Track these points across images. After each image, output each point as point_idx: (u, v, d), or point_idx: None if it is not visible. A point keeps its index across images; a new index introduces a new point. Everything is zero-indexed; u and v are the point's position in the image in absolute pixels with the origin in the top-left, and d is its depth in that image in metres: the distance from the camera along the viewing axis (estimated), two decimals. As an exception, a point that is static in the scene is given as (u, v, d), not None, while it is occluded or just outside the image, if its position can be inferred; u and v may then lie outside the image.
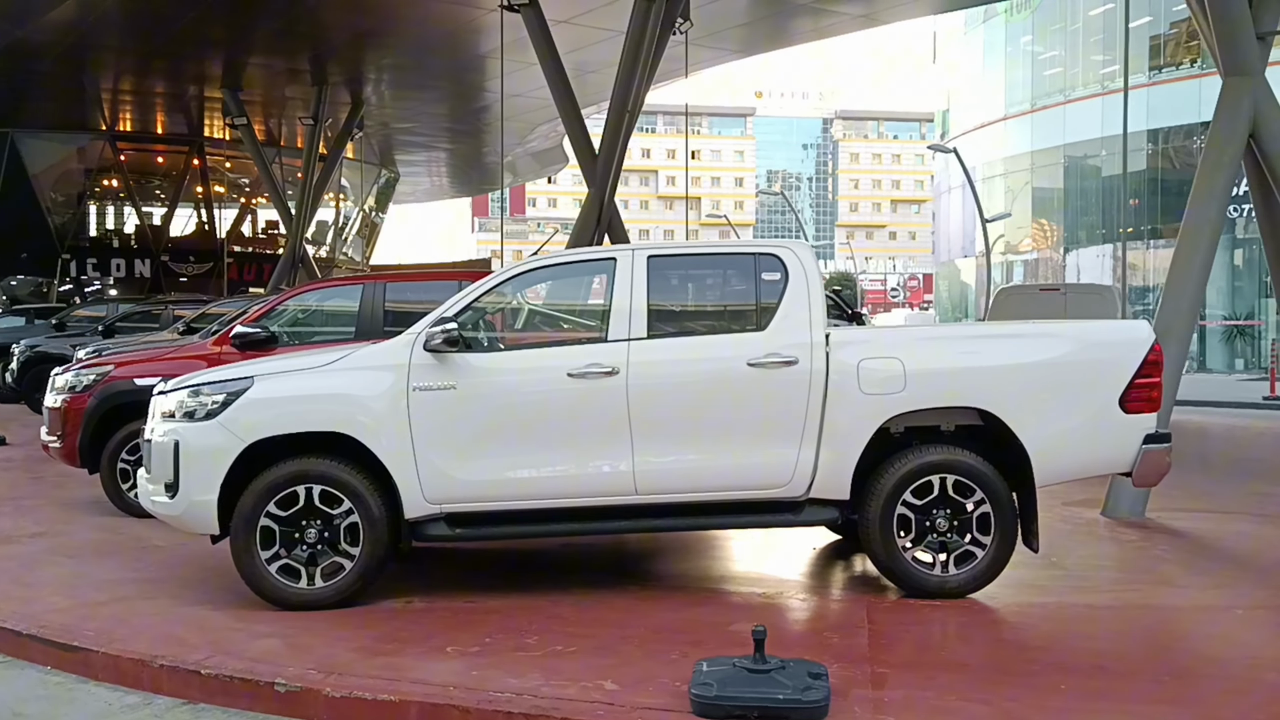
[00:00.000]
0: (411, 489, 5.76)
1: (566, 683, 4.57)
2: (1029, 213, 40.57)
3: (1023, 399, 5.89)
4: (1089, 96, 37.34)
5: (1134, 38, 36.40)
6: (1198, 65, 35.24)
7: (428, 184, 48.78)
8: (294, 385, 5.87)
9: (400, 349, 5.87)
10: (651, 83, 16.65)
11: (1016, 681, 4.59)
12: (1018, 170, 40.32)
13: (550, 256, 6.26)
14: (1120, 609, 5.83)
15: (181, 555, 7.21)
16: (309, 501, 5.74)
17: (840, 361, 5.88)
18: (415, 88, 29.14)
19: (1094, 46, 37.96)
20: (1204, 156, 9.33)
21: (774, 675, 4.26)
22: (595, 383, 5.81)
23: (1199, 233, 9.03)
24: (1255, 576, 6.58)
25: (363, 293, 8.98)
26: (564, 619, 5.56)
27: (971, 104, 43.91)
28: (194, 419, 5.81)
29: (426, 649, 5.07)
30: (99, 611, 5.79)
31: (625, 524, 6.01)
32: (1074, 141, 37.82)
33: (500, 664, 4.83)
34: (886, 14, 24.08)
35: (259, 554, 5.74)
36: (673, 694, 4.42)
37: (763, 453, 5.86)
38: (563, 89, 16.56)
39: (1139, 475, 5.99)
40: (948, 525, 5.88)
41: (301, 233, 27.66)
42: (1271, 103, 9.21)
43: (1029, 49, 41.01)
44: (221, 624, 5.53)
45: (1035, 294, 15.26)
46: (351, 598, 5.79)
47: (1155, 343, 5.99)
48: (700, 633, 5.30)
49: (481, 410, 5.82)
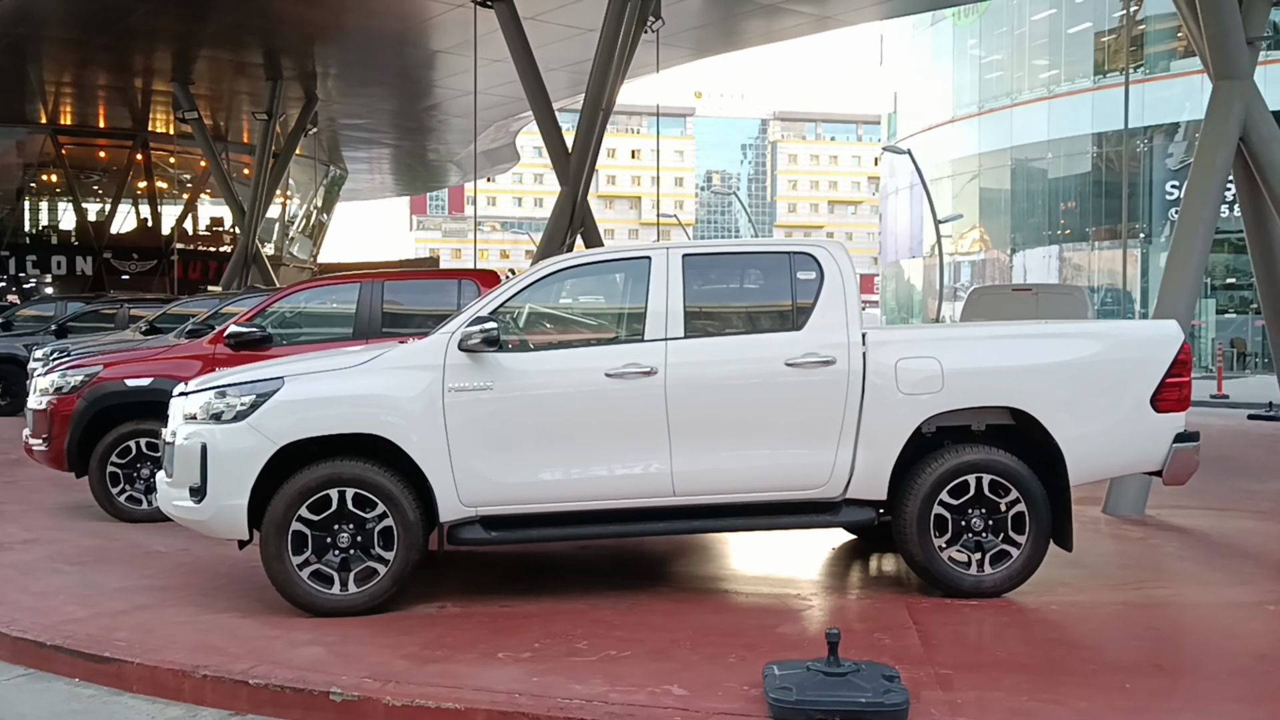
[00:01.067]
0: (447, 492, 5.65)
1: (632, 688, 4.49)
2: (976, 214, 41.13)
3: (1058, 398, 5.92)
4: (1035, 100, 37.97)
5: (1079, 43, 37.19)
6: (1141, 71, 36.01)
7: (374, 181, 48.25)
8: (327, 386, 5.71)
9: (434, 349, 5.75)
10: (623, 80, 16.57)
11: (1080, 681, 4.60)
12: (965, 172, 40.88)
13: (582, 254, 6.17)
14: (1155, 607, 5.88)
15: (188, 561, 7.01)
16: (341, 505, 5.60)
17: (878, 361, 5.86)
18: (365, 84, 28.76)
19: (1040, 51, 38.59)
20: (1196, 159, 9.51)
21: (850, 679, 4.23)
22: (633, 383, 5.73)
23: (1194, 233, 9.18)
24: (1274, 573, 6.68)
25: (360, 292, 8.81)
26: (607, 623, 5.48)
27: (919, 106, 44.41)
28: (221, 421, 5.64)
29: (478, 655, 4.97)
30: (122, 621, 5.59)
31: (662, 525, 5.94)
32: (1021, 144, 38.41)
33: (558, 670, 4.74)
34: (839, 18, 24.27)
35: (290, 559, 5.58)
36: (745, 698, 4.37)
37: (800, 453, 5.83)
38: (535, 85, 16.45)
39: (1169, 474, 6.05)
40: (983, 525, 5.89)
41: (255, 230, 27.17)
42: (1260, 106, 9.40)
43: (976, 53, 41.59)
44: (255, 632, 5.37)
45: (1008, 294, 15.42)
46: (385, 604, 5.65)
47: (1185, 342, 6.06)
48: (749, 635, 5.25)
49: (518, 411, 5.72)
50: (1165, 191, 34.40)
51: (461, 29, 22.66)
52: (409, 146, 39.35)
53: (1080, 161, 36.72)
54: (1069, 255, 37.19)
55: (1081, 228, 36.55)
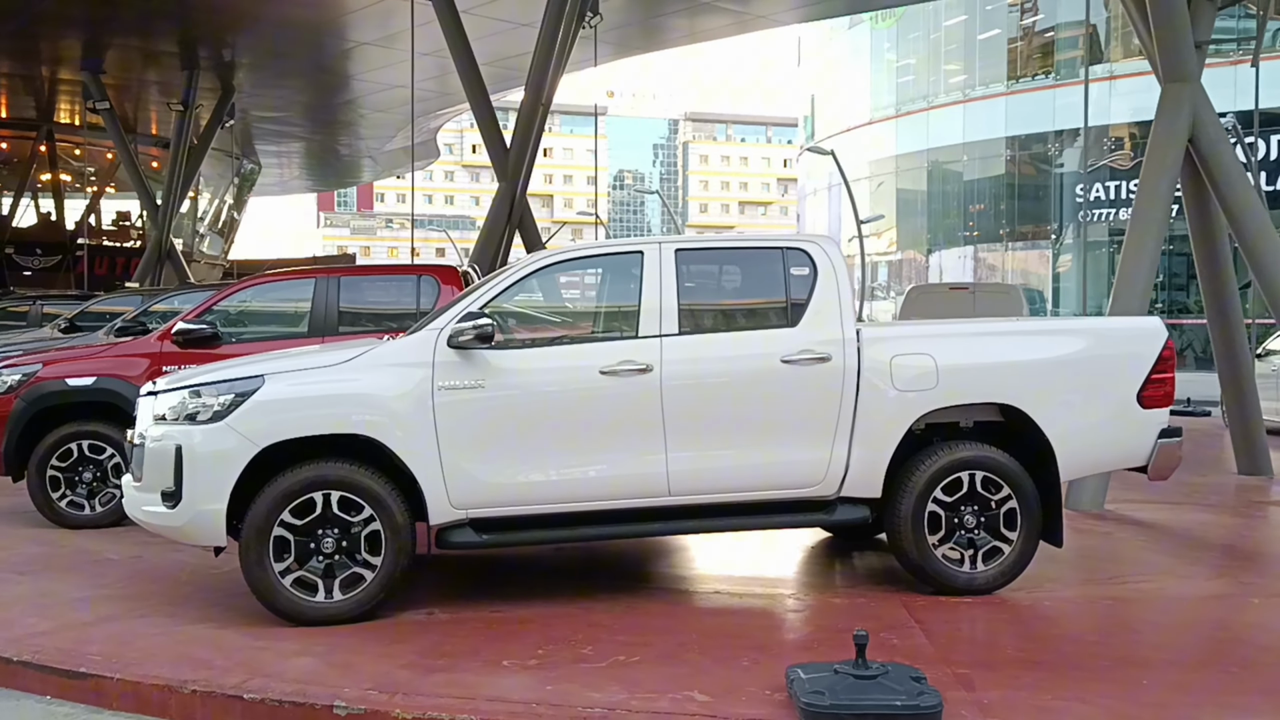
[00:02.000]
0: (437, 494, 5.44)
1: (653, 695, 4.35)
2: (894, 215, 41.71)
3: (1048, 395, 5.93)
4: (951, 104, 38.65)
5: (992, 48, 37.98)
6: (1052, 77, 36.94)
7: (285, 177, 47.17)
8: (311, 385, 5.46)
9: (422, 346, 5.53)
10: (562, 75, 16.39)
11: (1096, 677, 4.59)
12: (883, 173, 41.44)
13: (572, 249, 6.00)
14: (1143, 601, 5.92)
15: (144, 569, 6.69)
16: (326, 509, 5.36)
17: (873, 358, 5.81)
18: (283, 76, 28.06)
19: (955, 55, 39.31)
20: (1147, 159, 9.66)
21: (880, 681, 4.15)
22: (628, 380, 5.59)
23: (1146, 232, 9.34)
24: (1246, 565, 6.79)
25: (315, 288, 8.51)
26: (606, 627, 5.33)
27: (837, 108, 44.91)
28: (197, 421, 5.35)
29: (482, 663, 4.78)
30: (91, 633, 5.28)
31: (657, 526, 5.81)
32: (937, 147, 39.08)
33: (569, 677, 4.58)
34: (761, 19, 24.42)
35: (272, 566, 5.32)
36: (770, 703, 4.26)
37: (796, 451, 5.75)
38: (473, 79, 16.16)
39: (1155, 469, 6.10)
40: (975, 522, 5.88)
41: (169, 225, 26.31)
42: (1208, 108, 9.60)
43: (894, 56, 42.21)
44: (238, 642, 5.10)
45: (945, 293, 15.58)
46: (371, 611, 5.43)
47: (1168, 339, 6.13)
48: (755, 637, 5.15)
49: (511, 409, 5.53)
50: (1075, 194, 35.28)
51: (383, 21, 22.26)
52: (324, 141, 38.55)
53: (994, 164, 37.48)
54: (983, 255, 37.94)
55: (995, 229, 37.32)
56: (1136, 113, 34.42)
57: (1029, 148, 36.81)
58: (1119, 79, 34.89)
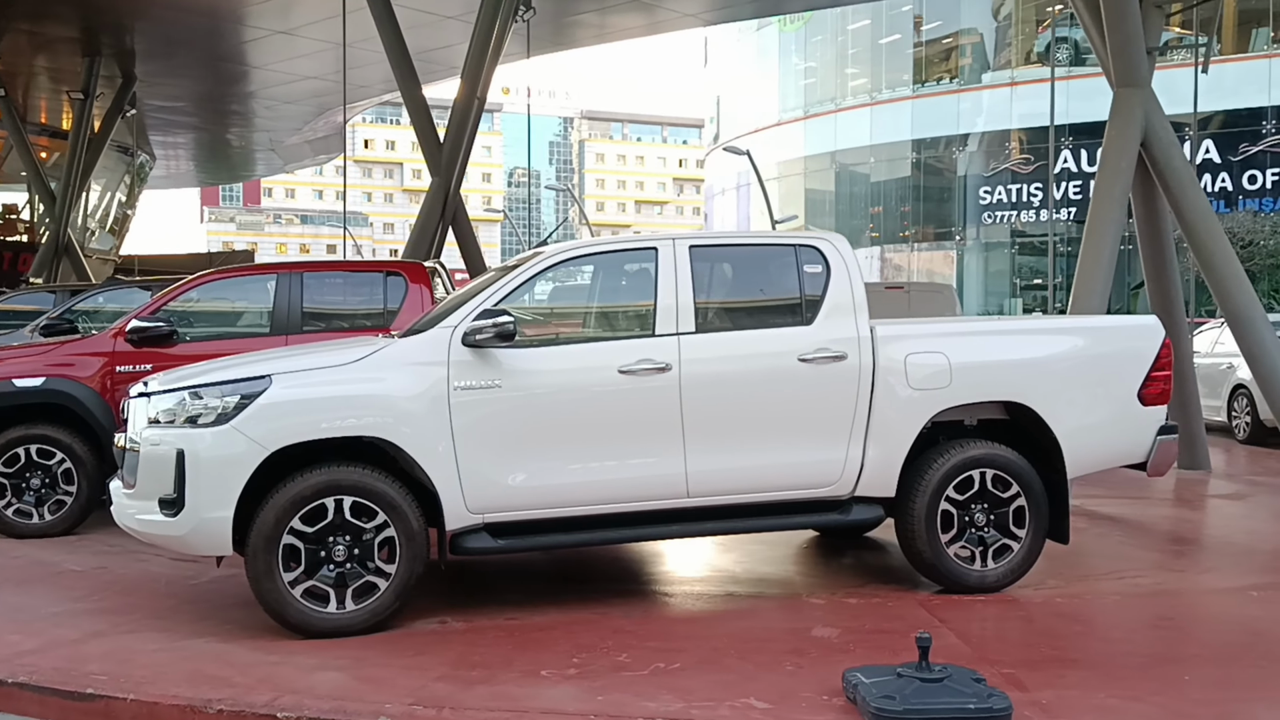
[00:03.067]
0: (453, 498, 5.23)
1: (709, 703, 4.23)
2: (802, 215, 42.19)
3: (1056, 392, 5.97)
4: (858, 106, 39.28)
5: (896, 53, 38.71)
6: (956, 81, 37.82)
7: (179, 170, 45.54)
8: (322, 386, 5.19)
9: (436, 344, 5.31)
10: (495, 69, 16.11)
11: (1138, 675, 4.61)
12: (791, 174, 41.90)
13: (586, 245, 5.83)
14: (1150, 596, 5.99)
15: (114, 580, 6.34)
16: (339, 515, 5.10)
17: (888, 356, 5.78)
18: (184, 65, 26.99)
19: (862, 58, 39.95)
20: (1101, 162, 9.87)
21: (947, 684, 4.10)
22: (647, 380, 5.46)
23: (1104, 233, 9.54)
24: (1227, 558, 6.94)
25: (276, 285, 8.15)
26: (630, 632, 5.19)
27: (746, 108, 45.24)
28: (199, 424, 5.05)
29: (519, 674, 4.59)
30: (84, 650, 4.94)
31: (675, 528, 5.66)
32: (845, 148, 39.67)
33: (615, 686, 4.43)
34: (669, 22, 24.42)
35: (281, 576, 5.05)
36: (833, 709, 4.18)
37: (813, 450, 5.69)
38: (406, 70, 15.74)
39: (1154, 465, 6.19)
40: (985, 520, 5.89)
41: (67, 219, 25.15)
42: (1159, 112, 9.85)
43: (802, 58, 42.70)
44: (249, 657, 4.83)
45: (881, 292, 15.71)
46: (384, 621, 5.19)
47: (1166, 337, 6.23)
48: (786, 640, 5.06)
49: (529, 410, 5.35)
50: (979, 196, 36.18)
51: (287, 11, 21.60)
52: (223, 133, 37.28)
53: (900, 166, 38.21)
54: (890, 256, 38.63)
55: (901, 230, 38.04)
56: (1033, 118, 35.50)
57: (934, 150, 37.60)
58: (1019, 85, 35.93)
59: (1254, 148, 33.07)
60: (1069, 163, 34.93)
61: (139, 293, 12.59)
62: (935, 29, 38.60)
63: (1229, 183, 33.50)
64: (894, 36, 39.56)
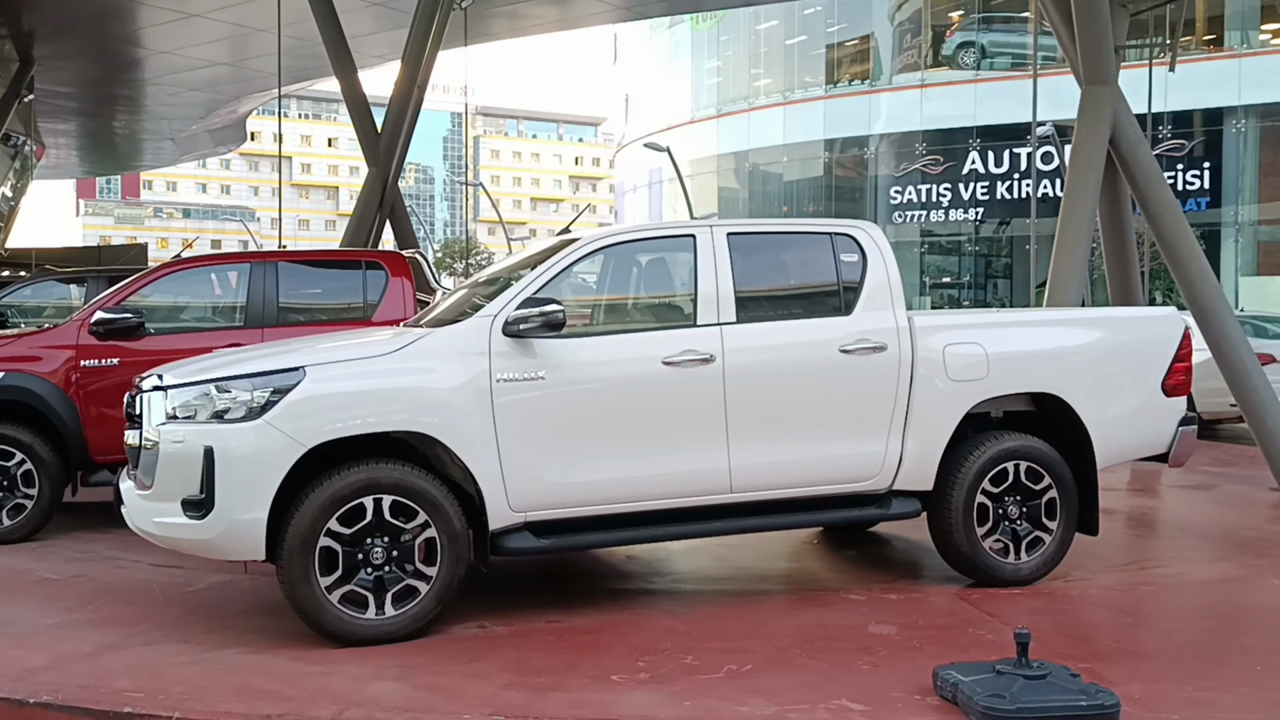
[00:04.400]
0: (496, 496, 4.97)
1: (803, 706, 4.07)
2: (716, 214, 42.31)
3: (1086, 383, 5.95)
4: (771, 105, 39.54)
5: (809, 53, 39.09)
6: (867, 83, 38.35)
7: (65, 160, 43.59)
8: (361, 378, 4.87)
9: (475, 333, 5.04)
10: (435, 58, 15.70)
11: (1211, 666, 4.61)
12: (704, 172, 41.98)
13: (625, 231, 5.60)
14: (1180, 587, 6.01)
15: (100, 588, 5.92)
16: (378, 515, 4.80)
17: (926, 347, 5.68)
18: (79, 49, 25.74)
19: (775, 57, 40.24)
20: (1073, 160, 9.96)
21: (1051, 680, 3.99)
22: (691, 371, 5.27)
23: (1077, 229, 9.61)
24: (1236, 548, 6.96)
25: (250, 275, 7.72)
26: (682, 633, 4.99)
27: (657, 106, 45.15)
28: (228, 419, 4.70)
29: (589, 679, 4.37)
30: (102, 665, 4.56)
31: (717, 525, 5.48)
32: (758, 147, 39.90)
33: (695, 690, 4.24)
34: (582, 19, 24.27)
35: (318, 581, 4.72)
36: (932, 709, 4.05)
37: (854, 443, 5.57)
38: (343, 56, 15.21)
39: (1175, 456, 6.23)
40: (1019, 513, 5.85)
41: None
42: (1126, 109, 9.97)
43: (715, 56, 42.81)
44: (292, 668, 4.50)
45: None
46: (426, 626, 4.90)
47: (1186, 329, 6.27)
48: (848, 638, 4.93)
49: (574, 403, 5.11)
50: (889, 196, 36.74)
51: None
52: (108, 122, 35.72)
53: (813, 166, 38.58)
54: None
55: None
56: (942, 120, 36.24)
57: (846, 151, 38.06)
58: (929, 87, 36.58)
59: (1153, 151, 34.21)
60: (976, 164, 35.70)
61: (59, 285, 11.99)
62: (844, 30, 39.08)
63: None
64: (801, 37, 39.93)
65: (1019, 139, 35.37)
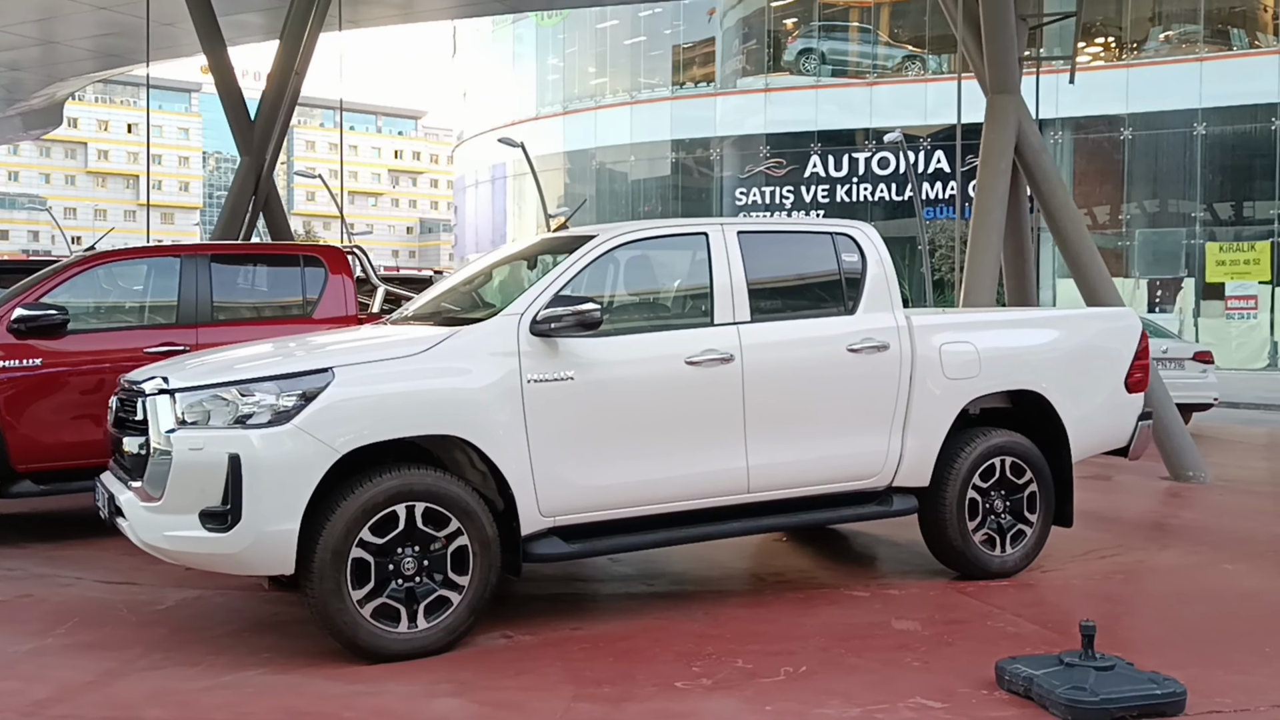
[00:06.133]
0: (528, 500, 4.80)
1: (882, 705, 4.07)
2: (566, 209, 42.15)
3: (1063, 380, 6.17)
4: (618, 104, 39.71)
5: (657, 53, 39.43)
6: (713, 85, 38.96)
7: None
8: (394, 380, 4.60)
9: (503, 333, 4.84)
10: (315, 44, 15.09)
11: (1226, 650, 4.80)
12: (550, 169, 41.75)
13: (642, 228, 5.48)
14: (1148, 574, 6.31)
15: (62, 609, 5.43)
16: (409, 524, 4.56)
17: (925, 345, 5.79)
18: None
19: (622, 57, 40.41)
20: (982, 166, 10.34)
21: (1119, 671, 4.11)
22: (712, 371, 5.22)
23: (989, 233, 9.99)
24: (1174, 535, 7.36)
25: (181, 270, 7.23)
26: (716, 637, 4.92)
27: (500, 101, 44.67)
28: (251, 424, 4.37)
29: (655, 688, 4.26)
30: (118, 695, 4.19)
31: (736, 525, 5.43)
32: (605, 145, 39.99)
33: (768, 694, 4.19)
34: (423, 13, 23.86)
35: (351, 594, 4.45)
36: (1006, 702, 4.11)
37: (860, 441, 5.63)
38: (212, 34, 14.43)
39: (1135, 449, 6.53)
40: (1003, 506, 6.02)
41: None
42: (1028, 117, 10.43)
43: (560, 53, 42.66)
44: (335, 688, 4.23)
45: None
46: (459, 638, 4.69)
47: (1143, 329, 6.58)
48: (880, 636, 4.97)
49: (603, 403, 4.98)
50: (735, 198, 37.44)
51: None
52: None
53: (661, 165, 38.95)
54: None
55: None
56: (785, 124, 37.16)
57: (692, 152, 38.57)
58: (773, 91, 37.45)
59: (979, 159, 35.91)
60: (818, 168, 36.77)
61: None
62: (687, 32, 39.61)
63: (957, 191, 36.22)
64: (641, 38, 40.27)
65: (857, 144, 36.64)
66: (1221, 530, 7.59)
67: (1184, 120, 34.29)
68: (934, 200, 35.14)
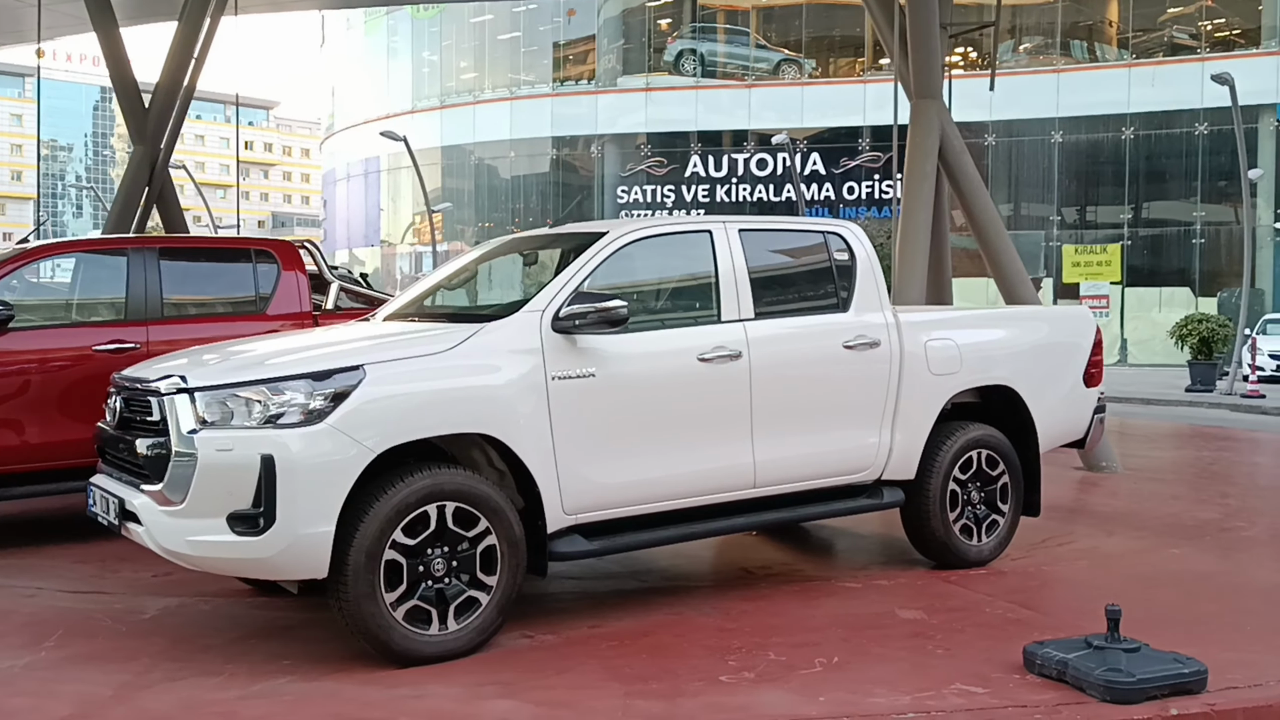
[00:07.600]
0: (552, 499, 4.76)
1: (927, 693, 4.17)
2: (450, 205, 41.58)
3: (1032, 375, 6.42)
4: (497, 100, 39.38)
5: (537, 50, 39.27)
6: (594, 83, 39.00)
7: None
8: (426, 378, 4.50)
9: (526, 329, 4.79)
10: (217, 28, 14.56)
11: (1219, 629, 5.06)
12: (428, 164, 41.12)
13: (650, 226, 5.46)
14: (1106, 559, 6.56)
15: (41, 621, 5.16)
16: (440, 524, 4.47)
17: (912, 341, 5.95)
18: None
19: (502, 53, 40.10)
20: (907, 170, 10.61)
21: (1145, 652, 4.30)
22: (722, 367, 5.26)
23: (916, 234, 10.28)
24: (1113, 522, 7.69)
25: (128, 264, 6.90)
26: (738, 631, 4.97)
27: (371, 94, 43.80)
28: (283, 424, 4.22)
29: (702, 682, 4.27)
30: (147, 710, 4.01)
31: (743, 520, 5.48)
32: (484, 141, 39.62)
33: (813, 685, 4.25)
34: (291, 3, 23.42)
35: (384, 597, 4.34)
36: (1038, 684, 4.26)
37: (855, 436, 5.75)
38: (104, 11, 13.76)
39: (1090, 441, 6.84)
40: (979, 497, 6.24)
41: None
42: (950, 121, 10.78)
43: (436, 47, 42.05)
44: (377, 694, 4.13)
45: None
46: (488, 639, 4.61)
47: (1098, 326, 6.90)
48: (892, 626, 5.08)
49: (623, 400, 4.97)
50: (616, 195, 37.56)
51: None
52: None
53: (541, 162, 38.80)
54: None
55: (542, 225, 38.63)
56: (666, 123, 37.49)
57: (573, 149, 38.54)
58: (654, 91, 37.71)
59: (853, 162, 36.94)
60: (698, 168, 37.19)
61: None
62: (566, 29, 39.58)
63: (831, 192, 37.18)
64: (515, 33, 40.08)
65: (737, 145, 37.20)
66: (1152, 515, 7.98)
67: (1042, 128, 35.95)
68: (811, 201, 35.96)
